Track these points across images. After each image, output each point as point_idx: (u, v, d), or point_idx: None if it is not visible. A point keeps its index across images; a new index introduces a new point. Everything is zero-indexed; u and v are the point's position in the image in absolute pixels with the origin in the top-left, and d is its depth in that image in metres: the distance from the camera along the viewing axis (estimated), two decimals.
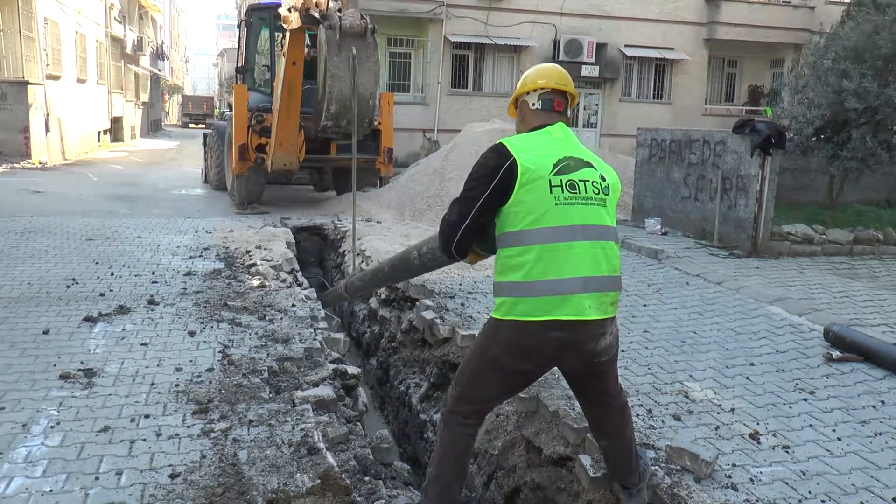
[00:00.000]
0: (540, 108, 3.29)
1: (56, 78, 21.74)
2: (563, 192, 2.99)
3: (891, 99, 10.24)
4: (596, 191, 3.09)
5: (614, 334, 3.18)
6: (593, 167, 3.15)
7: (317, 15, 8.19)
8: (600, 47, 23.08)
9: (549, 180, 2.99)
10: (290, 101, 10.75)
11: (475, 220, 3.10)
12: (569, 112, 3.38)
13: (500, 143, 3.10)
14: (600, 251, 3.04)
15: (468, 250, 3.30)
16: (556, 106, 3.29)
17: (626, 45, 23.63)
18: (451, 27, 22.10)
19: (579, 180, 3.06)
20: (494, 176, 3.01)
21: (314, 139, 11.92)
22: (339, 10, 7.89)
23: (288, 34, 10.05)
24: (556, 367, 3.30)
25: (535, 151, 3.06)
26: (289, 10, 9.65)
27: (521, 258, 2.98)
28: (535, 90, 3.31)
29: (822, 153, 10.94)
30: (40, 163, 19.31)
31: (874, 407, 4.67)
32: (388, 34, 22.08)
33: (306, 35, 10.81)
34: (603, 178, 3.15)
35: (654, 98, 24.94)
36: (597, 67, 22.99)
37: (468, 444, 3.24)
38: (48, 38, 21.13)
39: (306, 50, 11.05)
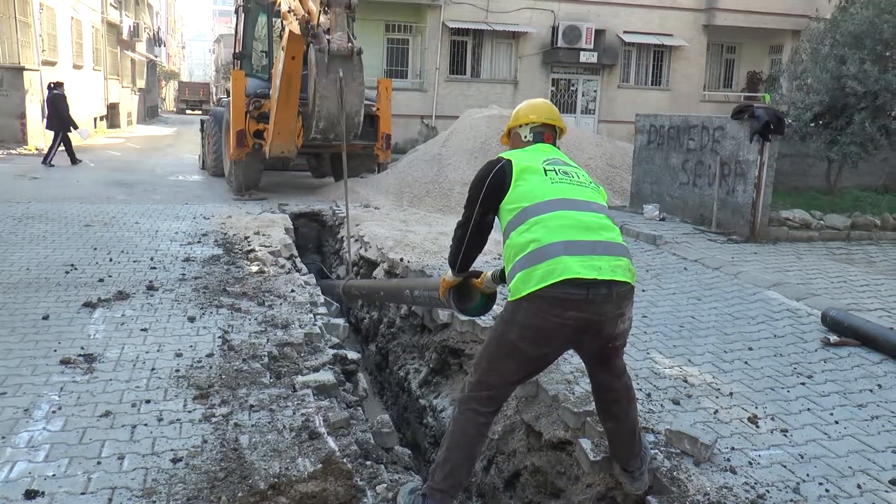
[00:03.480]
0: (531, 139, 3.56)
1: (52, 64, 21.65)
2: (557, 175, 3.24)
3: (890, 84, 10.22)
4: (588, 180, 3.34)
5: (631, 319, 3.22)
6: (579, 169, 3.42)
7: (309, 37, 8.48)
8: (599, 33, 23.00)
9: (543, 168, 3.25)
10: (289, 92, 10.73)
11: (478, 223, 3.28)
12: (557, 143, 3.63)
13: (499, 156, 3.34)
14: (599, 221, 3.13)
15: (474, 253, 3.45)
16: (545, 139, 3.57)
17: (624, 32, 23.56)
18: (450, 13, 22.01)
19: (571, 171, 3.33)
20: (488, 176, 3.23)
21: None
22: (328, 32, 8.16)
23: (287, 31, 10.02)
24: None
25: (523, 154, 3.36)
26: (288, 9, 9.63)
27: (528, 232, 3.05)
28: (526, 124, 3.59)
29: (820, 139, 10.93)
30: (37, 149, 19.25)
31: (871, 391, 4.69)
32: (386, 20, 22.00)
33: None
34: (590, 178, 3.40)
35: (652, 84, 24.89)
36: (595, 54, 22.93)
37: (481, 431, 3.24)
38: (44, 24, 21.03)
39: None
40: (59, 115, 16.90)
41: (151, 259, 7.57)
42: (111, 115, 32.05)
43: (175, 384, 4.45)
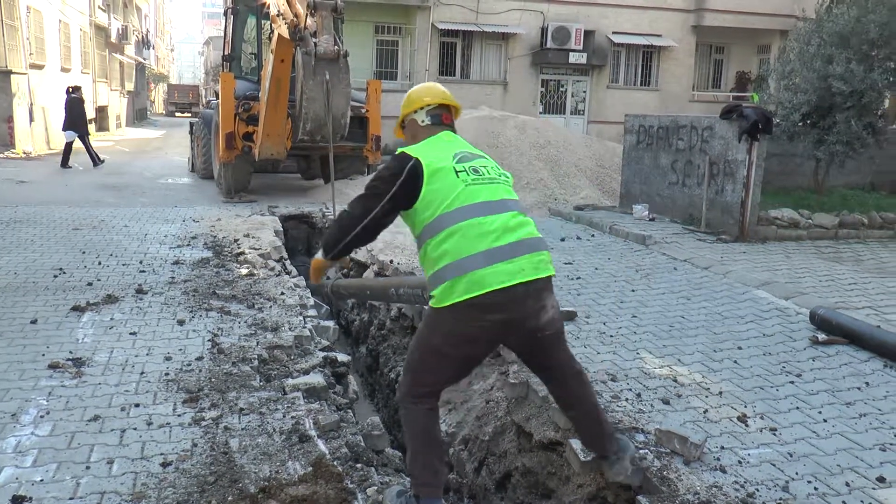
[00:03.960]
0: (430, 123, 3.46)
1: (39, 67, 21.54)
2: (468, 175, 3.16)
3: (876, 83, 10.29)
4: (497, 174, 3.29)
5: (555, 307, 3.22)
6: (487, 159, 3.38)
7: (297, 41, 8.55)
8: (588, 34, 23.05)
9: (454, 167, 3.16)
10: (278, 94, 10.73)
11: (378, 219, 3.20)
12: (455, 123, 3.57)
13: (400, 151, 3.25)
14: (516, 220, 3.14)
15: (356, 247, 3.43)
16: (444, 119, 3.49)
17: (613, 32, 23.61)
18: (439, 14, 22.01)
19: (480, 166, 3.25)
20: (399, 175, 3.13)
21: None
22: (315, 34, 8.21)
23: (276, 34, 10.02)
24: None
25: (433, 151, 3.24)
26: (277, 13, 9.63)
27: (446, 243, 3.04)
28: (422, 107, 3.48)
29: (808, 138, 10.99)
30: (24, 152, 19.15)
31: (859, 389, 4.72)
32: (375, 21, 21.98)
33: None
34: (498, 167, 3.38)
35: (641, 85, 24.95)
36: (584, 54, 22.97)
37: (431, 416, 3.26)
38: (31, 27, 20.92)
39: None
40: (74, 119, 17.45)
41: (140, 262, 7.54)
42: (100, 118, 31.90)
43: (164, 388, 4.44)
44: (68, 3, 25.76)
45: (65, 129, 17.66)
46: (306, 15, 8.57)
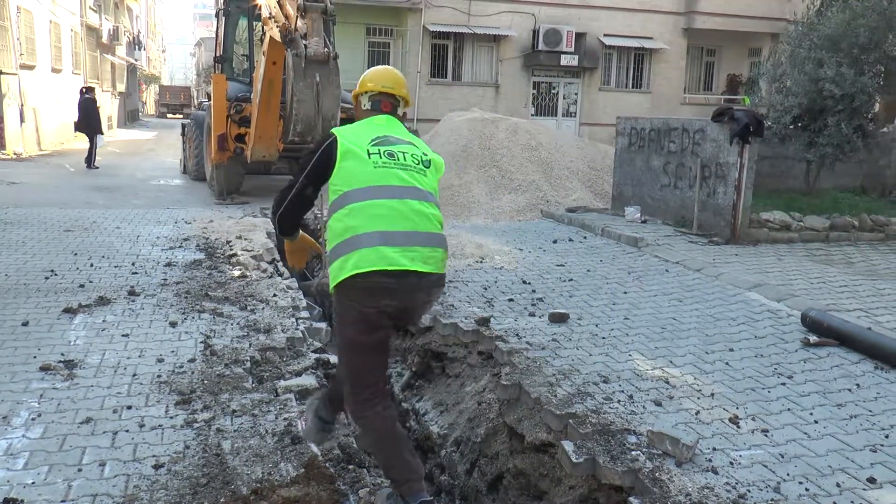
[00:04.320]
0: (369, 107, 3.51)
1: (30, 68, 21.43)
2: (381, 158, 3.22)
3: (866, 86, 10.35)
4: (415, 161, 3.30)
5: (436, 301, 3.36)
6: (415, 146, 3.39)
7: (287, 42, 8.60)
8: (579, 36, 23.11)
9: (367, 150, 3.23)
10: (270, 96, 10.71)
11: (300, 191, 3.30)
12: (400, 112, 3.56)
13: (330, 131, 3.37)
14: (418, 209, 3.20)
15: (291, 223, 3.46)
16: (383, 107, 3.50)
17: (605, 35, 23.67)
18: (431, 16, 22.03)
19: (398, 151, 3.29)
20: (317, 151, 3.28)
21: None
22: (305, 37, 8.26)
23: (268, 36, 10.02)
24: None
25: (354, 131, 3.35)
26: (269, 16, 9.64)
27: (347, 218, 3.14)
28: (365, 92, 3.53)
29: (799, 141, 11.04)
30: (15, 153, 19.05)
31: (850, 390, 4.74)
32: (367, 23, 21.98)
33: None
34: (425, 154, 3.39)
35: (633, 87, 25.02)
36: (576, 56, 23.02)
37: (387, 418, 3.30)
38: (22, 28, 20.80)
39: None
40: (88, 119, 17.89)
41: (133, 264, 7.52)
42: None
43: (157, 390, 4.43)
44: (59, 3, 25.65)
45: (77, 129, 18.29)
46: (296, 17, 8.60)
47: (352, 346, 3.26)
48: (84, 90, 18.64)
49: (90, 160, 17.67)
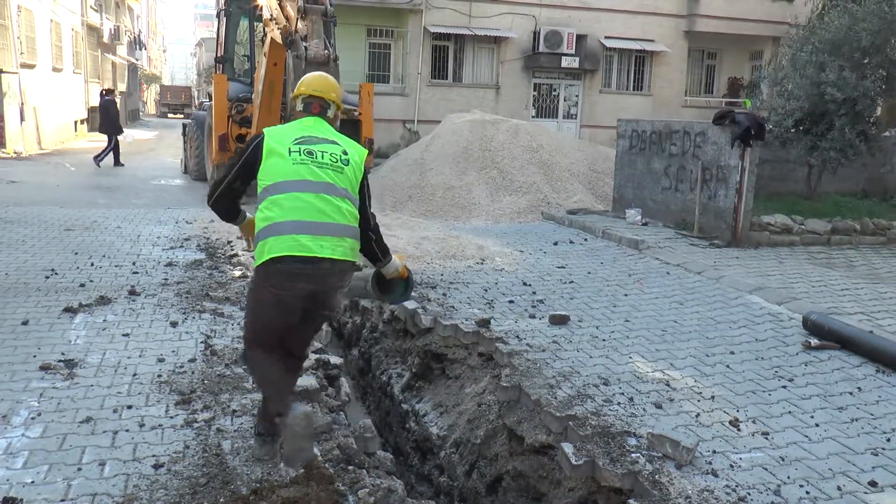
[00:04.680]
0: (301, 109, 3.77)
1: (31, 67, 21.43)
2: (300, 156, 3.48)
3: (869, 91, 10.35)
4: (333, 160, 3.53)
5: (344, 293, 3.63)
6: (338, 144, 3.62)
7: (288, 43, 8.63)
8: (580, 38, 23.07)
9: (289, 148, 3.49)
10: (272, 97, 10.71)
11: (229, 184, 3.64)
12: (330, 114, 3.79)
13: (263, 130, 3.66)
14: (331, 203, 3.45)
15: (224, 210, 3.77)
16: (313, 109, 3.74)
17: (605, 37, 23.64)
18: (431, 17, 22.01)
19: (318, 150, 3.53)
20: (247, 150, 3.59)
21: None
22: (305, 38, 8.28)
23: (269, 37, 10.02)
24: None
25: (282, 131, 3.63)
26: (270, 17, 9.64)
27: (267, 209, 3.43)
28: (299, 95, 3.80)
29: (801, 144, 11.04)
30: (15, 152, 19.04)
31: (851, 393, 4.74)
32: (368, 24, 21.95)
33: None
34: (345, 153, 3.60)
35: (634, 89, 24.99)
36: (577, 59, 22.99)
37: (263, 359, 3.55)
38: (22, 27, 20.80)
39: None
40: (110, 120, 18.55)
41: (133, 264, 7.51)
42: (92, 119, 31.71)
43: (157, 389, 4.42)
44: (60, 2, 25.65)
45: (101, 130, 19.10)
46: (297, 19, 8.61)
47: (257, 304, 3.57)
48: (104, 92, 19.61)
49: (116, 158, 18.36)
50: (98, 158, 18.10)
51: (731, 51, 25.91)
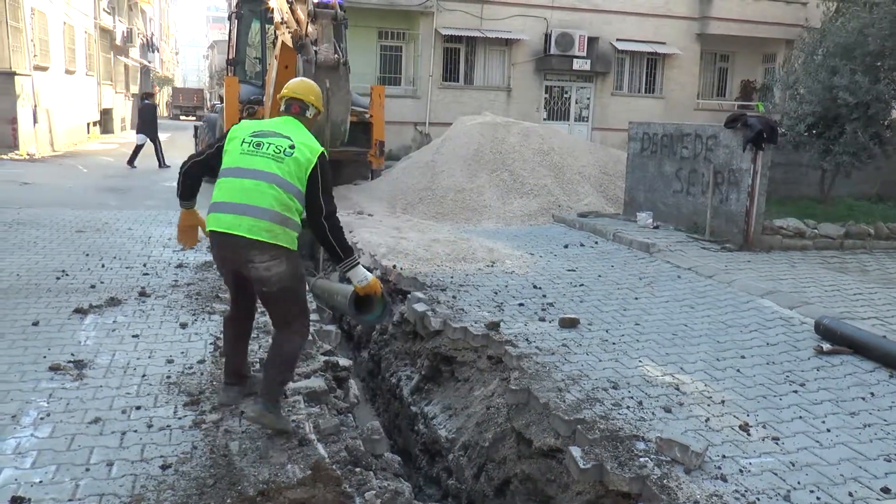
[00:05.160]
0: (283, 109, 4.21)
1: (44, 69, 21.56)
2: (249, 147, 3.93)
3: (881, 94, 10.28)
4: (276, 151, 3.90)
5: (271, 271, 3.83)
6: (289, 139, 3.95)
7: (298, 47, 8.68)
8: (592, 41, 23.04)
9: (243, 139, 3.97)
10: None
11: (206, 159, 4.14)
12: (309, 114, 4.21)
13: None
14: (258, 187, 3.82)
15: (190, 182, 4.25)
16: (293, 109, 4.18)
17: (617, 39, 23.59)
18: (442, 20, 22.03)
19: (266, 142, 3.94)
20: (223, 137, 4.12)
21: None
22: (316, 42, 8.32)
23: (280, 41, 10.05)
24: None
25: (247, 126, 4.11)
26: (281, 20, 9.68)
27: (215, 189, 3.94)
28: (282, 97, 4.24)
29: (813, 148, 10.97)
30: (28, 154, 19.16)
31: (863, 399, 4.70)
32: (379, 27, 21.99)
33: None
34: (291, 147, 3.92)
35: (645, 92, 24.93)
36: (588, 61, 22.95)
37: (227, 321, 4.33)
38: (35, 29, 20.93)
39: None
40: (149, 123, 19.27)
41: (144, 265, 7.54)
42: (104, 121, 31.92)
43: (166, 390, 4.43)
44: (73, 5, 25.80)
45: (138, 132, 19.55)
46: (307, 23, 8.64)
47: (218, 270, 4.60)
48: (144, 96, 20.70)
49: (161, 160, 19.05)
50: (161, 163, 18.88)
51: (744, 53, 25.80)
